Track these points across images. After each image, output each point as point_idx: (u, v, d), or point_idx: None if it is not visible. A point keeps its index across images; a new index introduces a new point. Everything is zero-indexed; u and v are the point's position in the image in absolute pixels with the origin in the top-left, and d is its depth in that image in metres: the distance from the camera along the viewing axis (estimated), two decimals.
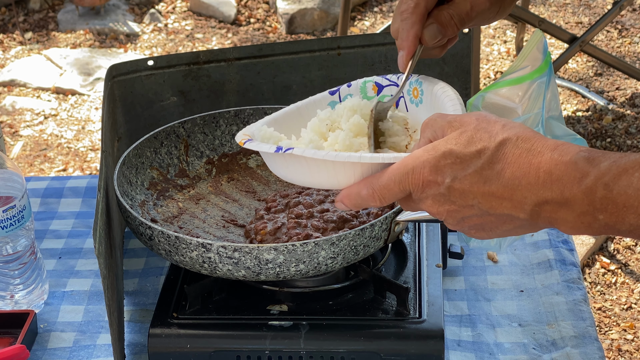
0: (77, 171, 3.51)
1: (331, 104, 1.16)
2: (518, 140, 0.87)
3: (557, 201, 0.84)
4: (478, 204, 0.88)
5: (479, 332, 1.28)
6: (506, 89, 1.16)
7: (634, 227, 0.82)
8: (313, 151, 0.98)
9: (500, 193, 0.87)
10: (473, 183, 0.87)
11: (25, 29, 4.55)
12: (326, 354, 1.19)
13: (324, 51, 1.56)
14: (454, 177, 0.88)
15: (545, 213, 0.86)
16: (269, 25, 4.59)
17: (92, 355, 1.27)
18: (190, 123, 1.48)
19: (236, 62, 1.56)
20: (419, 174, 0.90)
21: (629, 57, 4.09)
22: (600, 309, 2.76)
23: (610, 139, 3.51)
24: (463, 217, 0.91)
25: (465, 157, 0.87)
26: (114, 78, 1.51)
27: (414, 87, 1.12)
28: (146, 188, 1.41)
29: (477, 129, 0.89)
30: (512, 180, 0.86)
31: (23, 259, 1.33)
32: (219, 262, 1.16)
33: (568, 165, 0.84)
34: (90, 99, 3.99)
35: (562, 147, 0.85)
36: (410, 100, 1.12)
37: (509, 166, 0.86)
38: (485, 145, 0.87)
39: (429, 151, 0.90)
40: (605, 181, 0.82)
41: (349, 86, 1.16)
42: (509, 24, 4.37)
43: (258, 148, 1.04)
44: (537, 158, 0.85)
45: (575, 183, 0.83)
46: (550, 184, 0.84)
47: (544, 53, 1.16)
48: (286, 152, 0.99)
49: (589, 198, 0.83)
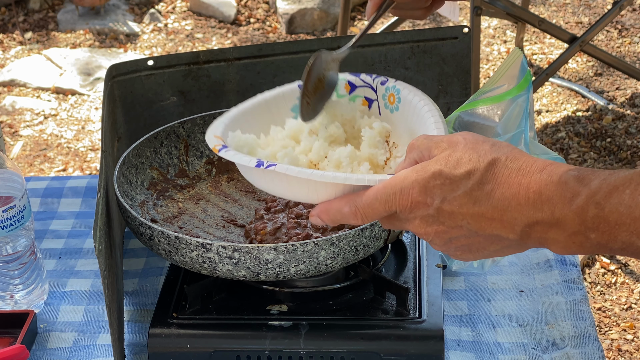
0: (77, 171, 3.51)
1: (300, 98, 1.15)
2: (507, 160, 0.87)
3: (547, 221, 0.84)
4: (467, 225, 0.88)
5: (479, 332, 1.28)
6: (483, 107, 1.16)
7: (627, 245, 0.82)
8: (297, 169, 0.96)
9: (490, 214, 0.86)
10: (463, 204, 0.87)
11: (25, 29, 4.55)
12: (326, 354, 1.19)
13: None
14: (443, 198, 0.88)
15: (536, 234, 0.86)
16: (269, 25, 4.59)
17: (92, 355, 1.27)
18: (190, 123, 1.48)
19: (236, 62, 1.56)
20: (408, 195, 0.89)
21: (629, 57, 4.09)
22: (600, 309, 2.76)
23: (610, 139, 3.51)
24: (451, 237, 0.90)
25: (454, 178, 0.87)
26: (114, 78, 1.51)
27: (391, 93, 1.10)
28: (146, 188, 1.41)
29: (466, 149, 0.88)
30: (502, 201, 0.86)
31: (23, 259, 1.33)
32: (219, 262, 1.16)
33: (558, 185, 0.84)
34: (90, 99, 3.98)
35: (551, 167, 0.85)
36: (385, 105, 1.10)
37: (499, 187, 0.86)
38: (474, 166, 0.87)
39: (418, 172, 0.89)
40: (597, 200, 0.82)
41: None
42: (509, 24, 4.37)
43: (236, 160, 1.01)
44: (527, 178, 0.85)
45: (566, 203, 0.83)
46: (541, 204, 0.84)
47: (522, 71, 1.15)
48: (268, 168, 0.97)
49: (581, 217, 0.82)
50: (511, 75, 1.15)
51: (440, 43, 1.55)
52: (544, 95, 3.84)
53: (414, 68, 1.56)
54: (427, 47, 1.55)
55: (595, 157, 3.41)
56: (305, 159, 1.02)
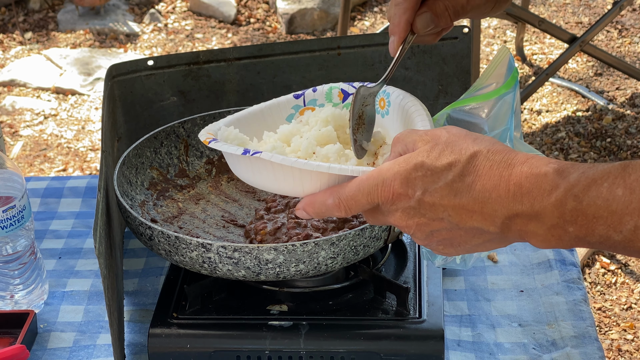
0: (77, 171, 3.51)
1: (295, 108, 1.16)
2: (489, 153, 0.87)
3: (527, 214, 0.84)
4: (448, 217, 0.88)
5: (479, 332, 1.28)
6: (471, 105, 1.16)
7: (604, 239, 0.82)
8: (282, 157, 0.96)
9: (470, 206, 0.86)
10: (444, 196, 0.87)
11: (25, 29, 4.55)
12: (326, 354, 1.19)
13: (324, 51, 1.56)
14: (424, 189, 0.88)
15: (516, 226, 0.86)
16: (269, 25, 4.59)
17: (92, 355, 1.27)
18: (190, 123, 1.48)
19: (236, 62, 1.56)
20: (389, 186, 0.89)
21: (629, 57, 4.09)
22: (600, 309, 2.76)
23: (610, 139, 3.51)
24: (432, 230, 0.90)
25: (436, 170, 0.87)
26: (114, 78, 1.51)
27: (381, 97, 1.11)
28: (146, 188, 1.41)
29: (449, 142, 0.88)
30: (483, 193, 0.86)
31: (23, 259, 1.33)
32: (219, 262, 1.16)
33: (538, 177, 0.84)
34: (90, 99, 3.99)
35: (532, 159, 0.85)
36: (377, 110, 1.11)
37: (480, 179, 0.86)
38: (456, 158, 0.87)
39: (400, 164, 0.89)
40: (575, 193, 0.82)
41: (314, 91, 1.15)
42: (509, 24, 4.37)
43: (224, 149, 1.03)
44: (508, 171, 0.85)
45: (545, 195, 0.83)
46: (521, 196, 0.84)
47: (509, 69, 1.16)
48: (253, 155, 0.97)
49: (559, 210, 0.82)
50: (499, 74, 1.16)
51: (440, 43, 1.55)
52: (544, 95, 3.84)
53: (414, 68, 1.56)
54: (427, 47, 1.56)
55: (595, 157, 3.41)
56: (294, 156, 1.03)
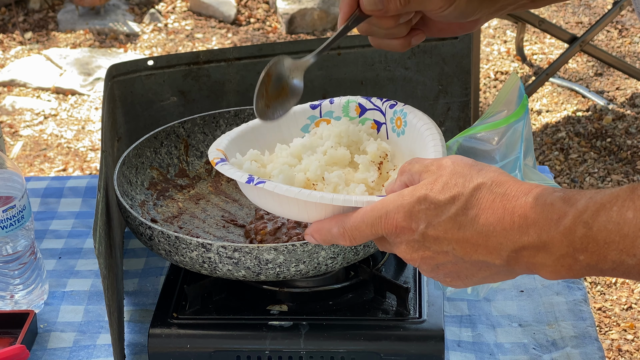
0: (77, 171, 3.51)
1: (311, 118, 1.14)
2: (492, 185, 0.85)
3: (534, 245, 0.82)
4: (453, 251, 0.87)
5: (479, 332, 1.28)
6: (482, 133, 1.15)
7: (617, 264, 0.80)
8: (285, 188, 0.95)
9: (474, 239, 0.85)
10: (447, 229, 0.86)
11: (25, 29, 4.55)
12: (326, 354, 1.19)
13: (324, 51, 1.55)
14: (428, 223, 0.86)
15: (523, 259, 0.84)
16: (269, 25, 4.59)
17: (92, 355, 1.27)
18: (190, 123, 1.48)
19: (236, 62, 1.56)
20: (393, 219, 0.88)
21: (629, 57, 4.09)
22: (600, 309, 2.76)
23: (610, 139, 3.51)
24: (437, 264, 0.89)
25: (439, 203, 0.86)
26: (113, 78, 1.51)
27: (398, 116, 1.09)
28: (146, 188, 1.41)
29: (453, 173, 0.87)
30: (487, 226, 0.84)
31: (23, 259, 1.33)
32: (219, 262, 1.16)
33: (544, 207, 0.82)
34: (90, 99, 3.99)
35: (536, 189, 0.84)
36: (392, 129, 1.10)
37: (483, 212, 0.84)
38: (459, 191, 0.85)
39: (404, 196, 0.88)
40: (584, 219, 0.80)
41: (332, 102, 1.14)
42: (509, 24, 4.37)
43: (230, 174, 1.01)
44: (512, 202, 0.83)
45: (553, 225, 0.81)
46: (527, 228, 0.82)
47: (519, 97, 1.15)
48: (257, 185, 0.97)
49: (569, 239, 0.80)
50: (510, 101, 1.14)
51: (440, 43, 1.55)
52: (544, 95, 3.84)
53: (414, 68, 1.56)
54: (427, 47, 1.56)
55: (595, 157, 3.41)
56: (303, 177, 1.01)
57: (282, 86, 1.05)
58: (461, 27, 1.11)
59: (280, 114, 1.05)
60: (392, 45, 1.10)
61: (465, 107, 1.59)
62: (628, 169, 3.35)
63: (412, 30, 1.10)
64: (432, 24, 1.11)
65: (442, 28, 1.12)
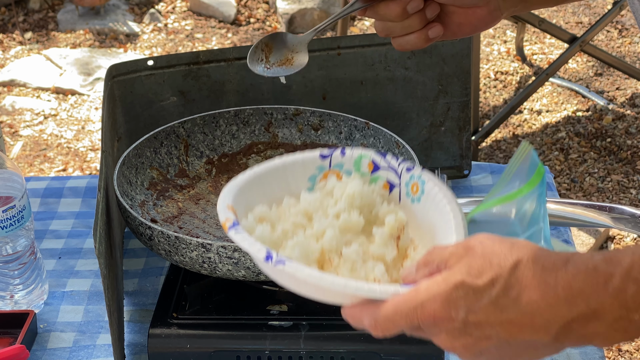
0: (77, 171, 3.51)
1: (319, 169, 1.06)
2: (529, 261, 0.80)
3: (584, 316, 0.78)
4: (497, 334, 0.82)
5: None
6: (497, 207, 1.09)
7: None
8: (307, 272, 0.88)
9: (519, 320, 0.80)
10: (490, 314, 0.81)
11: (25, 29, 4.55)
12: (326, 354, 1.19)
13: (324, 51, 1.55)
14: (468, 309, 0.81)
15: (573, 332, 0.79)
16: (269, 25, 4.59)
17: (92, 355, 1.27)
18: (190, 123, 1.48)
19: (236, 62, 1.56)
20: (430, 309, 0.82)
21: (629, 57, 4.09)
22: None
23: (610, 139, 3.51)
24: (481, 350, 0.84)
25: (478, 288, 0.81)
26: (113, 78, 1.51)
27: (415, 181, 1.02)
28: (146, 188, 1.41)
29: (485, 254, 0.82)
30: (530, 304, 0.79)
31: (23, 259, 1.33)
32: (219, 262, 1.16)
33: (587, 273, 0.78)
34: (90, 99, 3.99)
35: (574, 257, 0.80)
36: (407, 194, 1.03)
37: (525, 290, 0.79)
38: (497, 272, 0.81)
39: (440, 284, 0.82)
40: (634, 276, 0.76)
41: (343, 154, 1.06)
42: (509, 24, 4.37)
43: (245, 247, 0.93)
44: (552, 275, 0.79)
45: (601, 289, 0.77)
46: (573, 298, 0.78)
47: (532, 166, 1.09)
48: (277, 265, 0.89)
49: (620, 300, 0.76)
50: (522, 172, 1.09)
51: (440, 43, 1.55)
52: (544, 95, 3.84)
53: (414, 68, 1.56)
54: (427, 47, 1.55)
55: (595, 157, 3.41)
56: (317, 246, 0.95)
57: (287, 57, 1.04)
58: (481, 20, 1.09)
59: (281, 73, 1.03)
60: (411, 41, 1.10)
61: (465, 107, 1.59)
62: (628, 169, 3.35)
63: (429, 23, 1.10)
64: (449, 18, 1.10)
65: (461, 22, 1.10)
